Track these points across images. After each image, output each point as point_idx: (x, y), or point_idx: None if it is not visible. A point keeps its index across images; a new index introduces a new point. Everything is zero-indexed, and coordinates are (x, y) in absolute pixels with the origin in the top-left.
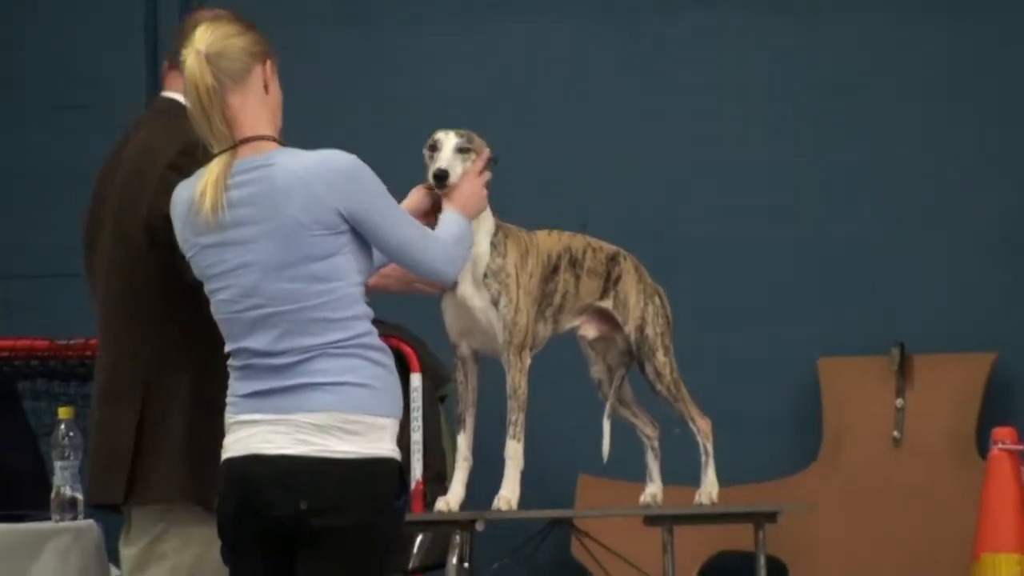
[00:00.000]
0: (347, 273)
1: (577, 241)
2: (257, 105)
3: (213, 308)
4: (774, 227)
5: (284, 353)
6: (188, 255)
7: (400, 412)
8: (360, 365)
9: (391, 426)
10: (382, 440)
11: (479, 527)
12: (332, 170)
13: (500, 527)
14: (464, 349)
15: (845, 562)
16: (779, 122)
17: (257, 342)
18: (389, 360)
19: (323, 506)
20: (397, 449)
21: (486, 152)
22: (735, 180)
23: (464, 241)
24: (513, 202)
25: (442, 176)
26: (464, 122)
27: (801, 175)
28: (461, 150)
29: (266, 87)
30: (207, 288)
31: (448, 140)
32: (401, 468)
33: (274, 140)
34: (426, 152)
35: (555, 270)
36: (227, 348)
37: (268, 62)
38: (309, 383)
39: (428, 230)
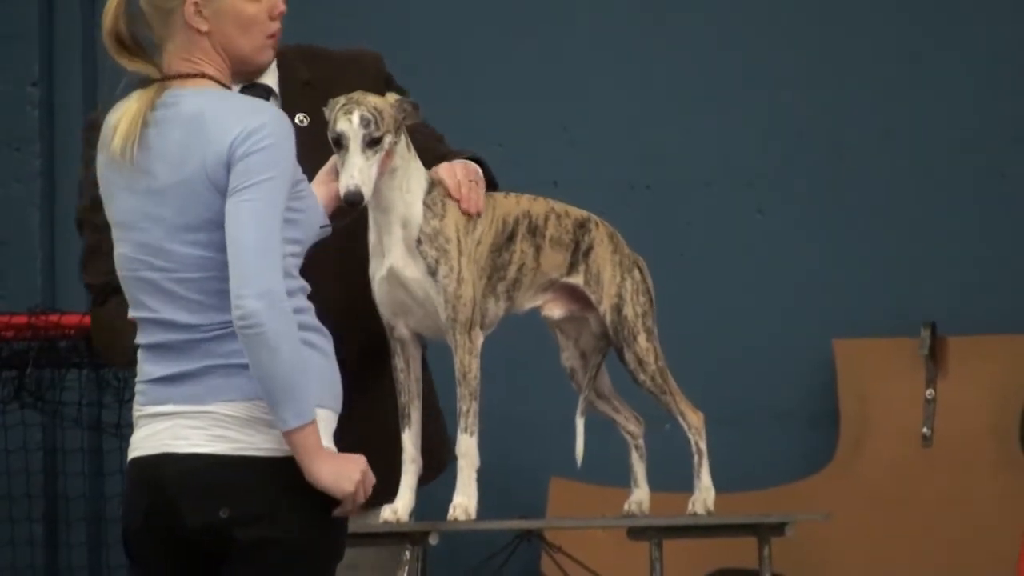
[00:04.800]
0: None
1: (538, 205)
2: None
3: (115, 258)
4: (777, 186)
5: (199, 327)
6: (101, 188)
7: (339, 404)
8: None
9: (326, 418)
10: None
11: (432, 541)
12: (238, 117)
13: (458, 541)
14: (402, 330)
15: None
16: (785, 70)
17: (167, 312)
18: (326, 342)
19: (248, 515)
20: (333, 447)
21: (389, 159)
22: (728, 130)
23: (297, 391)
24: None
25: (356, 201)
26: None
27: (810, 126)
28: (371, 143)
29: (199, 27)
30: (114, 234)
31: (354, 133)
32: None
33: (213, 80)
34: (330, 137)
35: (510, 238)
36: (131, 314)
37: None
38: (227, 364)
39: (278, 257)
